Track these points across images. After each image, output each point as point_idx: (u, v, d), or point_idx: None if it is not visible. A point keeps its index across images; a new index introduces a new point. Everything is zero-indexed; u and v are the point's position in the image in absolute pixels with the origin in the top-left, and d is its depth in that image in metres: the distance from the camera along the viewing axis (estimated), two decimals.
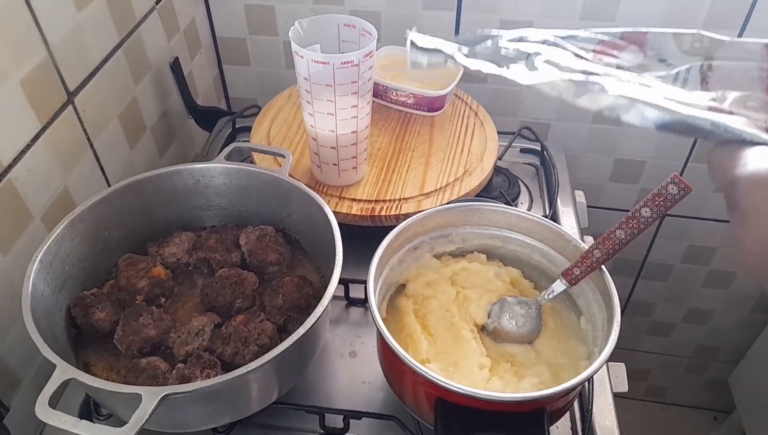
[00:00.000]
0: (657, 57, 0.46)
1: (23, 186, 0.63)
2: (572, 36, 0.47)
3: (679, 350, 1.46)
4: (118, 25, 0.77)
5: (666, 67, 0.46)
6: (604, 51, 0.46)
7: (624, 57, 0.46)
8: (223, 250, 0.66)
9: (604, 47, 0.46)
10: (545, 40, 0.46)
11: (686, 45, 0.45)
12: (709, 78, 0.44)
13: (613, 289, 0.54)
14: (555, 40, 0.46)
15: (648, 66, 0.46)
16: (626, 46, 0.46)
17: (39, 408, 0.45)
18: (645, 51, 0.46)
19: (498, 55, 0.45)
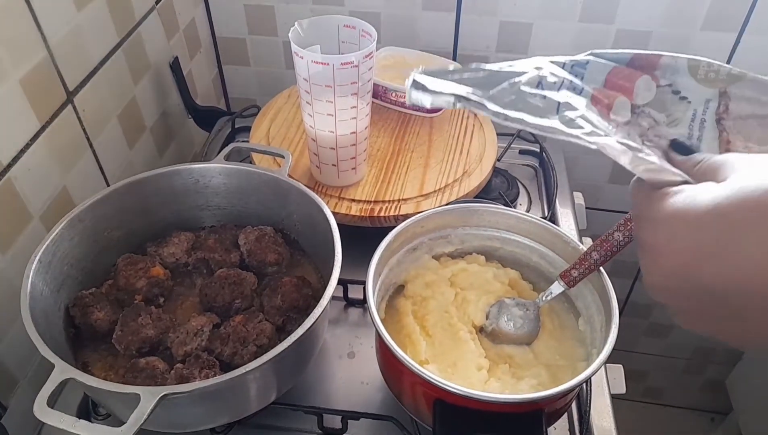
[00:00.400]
0: (671, 89, 0.44)
1: (22, 185, 0.63)
2: (581, 65, 0.45)
3: (677, 352, 1.46)
4: (117, 25, 0.77)
5: (682, 103, 0.44)
6: (617, 84, 0.44)
7: (638, 91, 0.44)
8: (222, 251, 0.66)
9: (615, 79, 0.44)
10: (563, 79, 0.44)
11: (701, 73, 0.44)
12: (725, 123, 0.43)
13: (611, 290, 0.55)
14: (571, 80, 0.44)
15: (664, 102, 0.44)
16: (638, 77, 0.44)
17: (38, 407, 0.45)
18: (656, 78, 0.44)
19: (524, 102, 0.42)
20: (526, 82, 0.43)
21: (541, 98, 0.42)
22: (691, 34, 0.93)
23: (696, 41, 0.93)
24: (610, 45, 0.95)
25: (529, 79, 0.43)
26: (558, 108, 0.42)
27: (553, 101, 0.42)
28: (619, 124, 0.43)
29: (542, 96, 0.42)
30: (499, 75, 0.44)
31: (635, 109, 0.44)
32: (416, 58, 0.95)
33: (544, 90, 0.43)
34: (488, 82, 0.44)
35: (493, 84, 0.43)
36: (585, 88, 0.44)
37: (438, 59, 0.94)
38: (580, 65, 0.45)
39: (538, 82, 0.43)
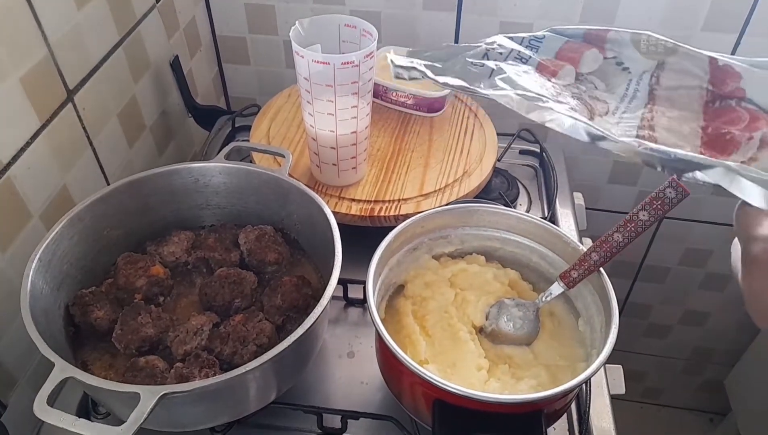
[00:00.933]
0: (616, 60, 0.50)
1: (22, 184, 0.63)
2: (538, 39, 0.52)
3: (676, 352, 1.46)
4: (118, 24, 0.77)
5: (624, 74, 0.49)
6: (566, 55, 0.50)
7: (585, 61, 0.50)
8: (222, 250, 0.66)
9: (566, 51, 0.51)
10: (511, 50, 0.51)
11: (643, 46, 0.49)
12: (656, 92, 0.47)
13: (611, 291, 0.55)
14: (519, 51, 0.51)
15: (607, 72, 0.50)
16: (587, 49, 0.50)
17: (37, 406, 0.45)
18: (604, 51, 0.50)
19: (466, 71, 0.50)
20: (473, 54, 0.51)
21: (479, 66, 0.50)
22: (691, 34, 0.93)
23: (696, 42, 0.92)
24: None
25: (476, 51, 0.52)
26: (491, 73, 0.49)
27: (488, 68, 0.50)
28: (558, 86, 0.49)
29: (481, 64, 0.50)
30: (458, 50, 0.52)
31: (579, 77, 0.50)
32: None
33: (488, 60, 0.51)
34: (447, 56, 0.52)
35: (448, 57, 0.52)
36: (532, 58, 0.51)
37: None
38: (537, 39, 0.52)
39: (484, 54, 0.51)
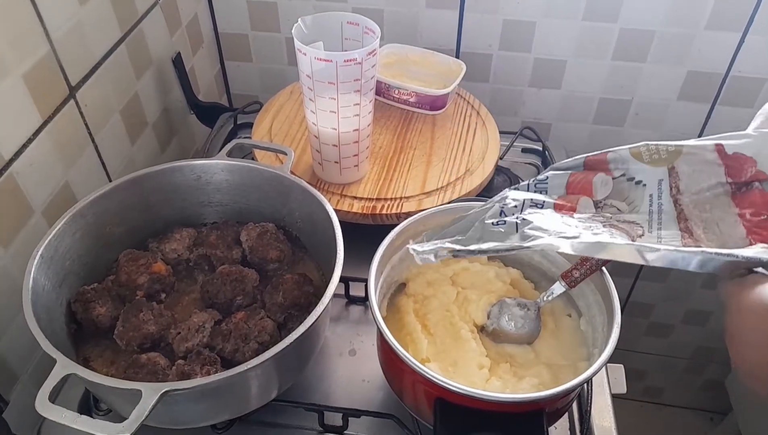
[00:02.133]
0: (625, 177, 0.50)
1: (24, 180, 0.63)
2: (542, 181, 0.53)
3: (677, 351, 1.46)
4: (120, 20, 0.77)
5: (639, 187, 0.50)
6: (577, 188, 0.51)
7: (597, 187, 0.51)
8: (223, 247, 0.66)
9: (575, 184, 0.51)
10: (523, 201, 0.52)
11: (645, 157, 0.49)
12: (682, 200, 0.47)
13: (613, 291, 0.55)
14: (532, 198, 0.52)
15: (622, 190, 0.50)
16: (593, 175, 0.51)
17: (39, 403, 0.45)
18: (610, 172, 0.51)
19: (491, 233, 0.51)
20: (490, 216, 0.53)
21: (502, 224, 0.51)
22: (694, 33, 0.92)
23: (699, 41, 0.93)
24: (613, 44, 0.95)
25: (492, 212, 0.53)
26: (517, 227, 0.50)
27: (511, 223, 0.51)
28: (583, 219, 0.49)
29: (503, 222, 0.51)
30: (474, 217, 0.54)
31: (598, 205, 0.51)
32: (419, 56, 0.94)
33: (506, 217, 0.52)
34: (464, 227, 0.54)
35: (467, 228, 0.53)
36: (547, 201, 0.52)
37: (441, 56, 0.93)
38: (542, 182, 0.53)
39: (500, 212, 0.52)
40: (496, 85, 1.04)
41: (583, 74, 1.00)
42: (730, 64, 0.95)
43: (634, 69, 0.98)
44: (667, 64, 0.97)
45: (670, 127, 1.03)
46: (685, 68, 0.97)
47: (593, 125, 1.06)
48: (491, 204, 0.54)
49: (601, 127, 1.06)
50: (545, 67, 1.00)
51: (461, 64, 0.92)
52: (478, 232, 0.52)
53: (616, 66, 0.98)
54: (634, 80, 0.99)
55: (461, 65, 0.91)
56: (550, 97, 1.04)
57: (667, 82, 0.98)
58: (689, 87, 0.98)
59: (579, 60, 0.98)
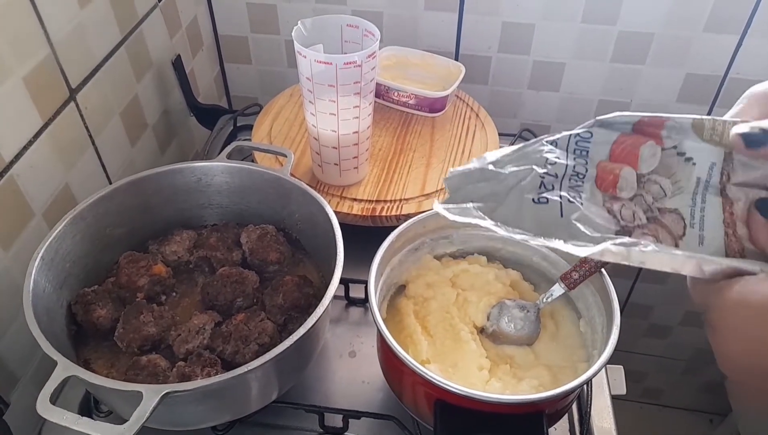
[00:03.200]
0: (677, 151, 0.44)
1: (25, 182, 0.63)
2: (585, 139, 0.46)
3: (677, 353, 1.46)
4: (120, 23, 0.77)
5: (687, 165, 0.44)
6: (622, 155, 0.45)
7: (644, 158, 0.44)
8: (223, 249, 0.67)
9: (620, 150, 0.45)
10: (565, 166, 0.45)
11: (706, 133, 0.43)
12: (729, 191, 0.42)
13: (612, 292, 0.55)
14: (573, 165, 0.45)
15: (670, 165, 0.44)
16: (643, 143, 0.44)
17: (40, 405, 0.45)
18: (662, 141, 0.44)
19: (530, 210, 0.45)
20: (530, 187, 0.45)
21: (543, 203, 0.44)
22: (693, 36, 0.93)
23: (698, 43, 0.93)
24: (612, 47, 0.95)
25: (531, 182, 0.46)
26: (561, 209, 0.44)
27: (554, 203, 0.44)
28: (628, 209, 0.44)
29: (545, 199, 0.44)
30: (507, 181, 0.46)
31: (641, 180, 0.45)
32: (418, 58, 0.95)
33: (546, 190, 0.45)
34: (497, 192, 0.46)
35: (501, 196, 0.46)
36: (588, 171, 0.45)
37: (440, 59, 0.94)
38: (584, 139, 0.46)
39: (540, 183, 0.45)
40: (495, 88, 1.04)
41: (582, 76, 1.00)
42: (729, 66, 0.95)
43: (633, 71, 0.98)
44: (666, 67, 0.97)
45: None
46: (684, 70, 0.97)
47: None
48: (528, 166, 0.46)
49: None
50: (544, 70, 1.01)
51: (460, 66, 0.92)
52: (513, 203, 0.45)
53: (615, 68, 0.98)
54: (633, 82, 0.99)
55: (460, 67, 0.92)
56: (549, 100, 1.04)
57: (666, 84, 0.99)
58: (688, 89, 0.98)
59: (578, 62, 0.99)
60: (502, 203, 0.46)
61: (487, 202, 0.46)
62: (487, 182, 0.47)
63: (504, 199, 0.46)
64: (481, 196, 0.47)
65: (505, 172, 0.46)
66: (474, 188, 0.47)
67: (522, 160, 0.47)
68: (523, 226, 0.44)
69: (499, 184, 0.46)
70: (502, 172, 0.47)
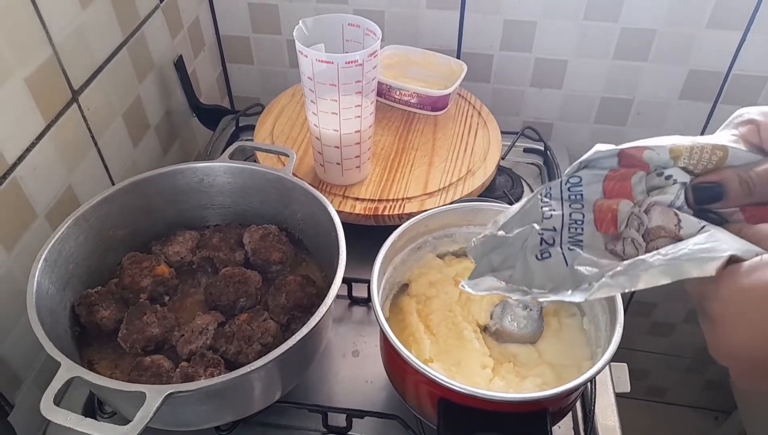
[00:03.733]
0: (657, 174, 0.44)
1: (27, 184, 0.63)
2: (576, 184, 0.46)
3: (680, 350, 1.46)
4: (122, 24, 0.77)
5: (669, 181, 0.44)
6: (615, 190, 0.45)
7: (635, 186, 0.45)
8: (226, 249, 0.67)
9: (613, 184, 0.45)
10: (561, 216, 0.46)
11: (681, 162, 0.43)
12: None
13: None
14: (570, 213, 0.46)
15: (655, 184, 0.44)
16: (632, 175, 0.45)
17: (44, 406, 0.45)
18: (647, 167, 0.45)
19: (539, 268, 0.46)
20: (532, 246, 0.47)
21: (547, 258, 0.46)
22: (696, 32, 0.92)
23: (701, 40, 0.93)
24: (615, 44, 0.95)
25: (532, 240, 0.47)
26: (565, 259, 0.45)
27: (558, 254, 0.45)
28: (626, 238, 0.44)
29: (548, 254, 0.46)
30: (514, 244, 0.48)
31: (636, 205, 0.45)
32: (420, 57, 0.94)
33: (549, 245, 0.46)
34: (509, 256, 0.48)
35: (513, 259, 0.48)
36: (586, 216, 0.46)
37: (442, 57, 0.93)
38: (575, 185, 0.47)
39: (540, 240, 0.47)
40: (498, 86, 1.04)
41: (585, 74, 1.00)
42: (732, 62, 0.95)
43: (636, 68, 0.98)
44: (669, 64, 0.96)
45: (671, 127, 1.03)
46: (687, 67, 0.96)
47: (595, 125, 1.06)
48: (528, 225, 0.48)
49: (602, 126, 1.06)
50: (546, 67, 1.00)
51: (462, 64, 0.92)
52: (523, 264, 0.47)
53: (618, 65, 0.98)
54: (635, 79, 0.99)
55: (462, 66, 0.92)
56: (551, 97, 1.04)
57: (669, 82, 0.98)
58: (691, 86, 0.98)
59: (580, 60, 0.98)
60: (514, 267, 0.48)
61: (503, 268, 0.49)
62: (500, 249, 0.49)
63: (515, 262, 0.48)
64: (497, 263, 0.49)
65: (512, 236, 0.48)
66: (491, 258, 0.50)
67: (524, 219, 0.48)
68: (534, 283, 0.46)
69: (509, 249, 0.48)
70: (509, 236, 0.49)
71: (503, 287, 0.48)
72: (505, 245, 0.49)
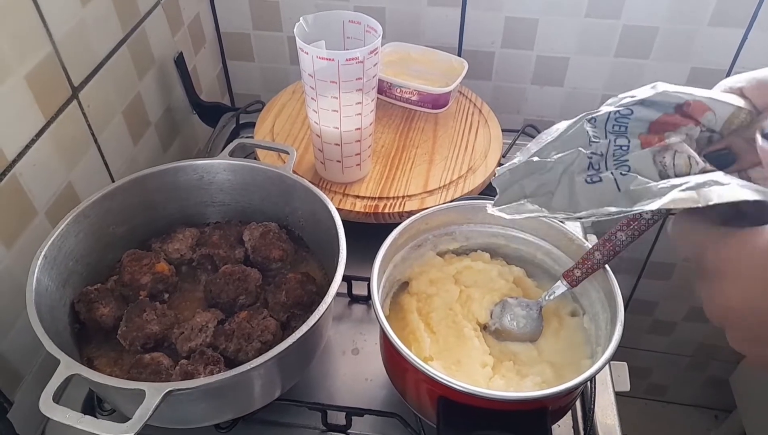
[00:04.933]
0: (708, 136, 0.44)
1: (27, 181, 0.63)
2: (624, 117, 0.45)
3: (681, 349, 1.46)
4: (122, 20, 0.77)
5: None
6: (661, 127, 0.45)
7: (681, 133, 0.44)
8: (226, 247, 0.67)
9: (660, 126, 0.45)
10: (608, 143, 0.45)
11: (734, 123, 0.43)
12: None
13: (616, 288, 0.54)
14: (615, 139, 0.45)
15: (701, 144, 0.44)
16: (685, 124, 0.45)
17: (43, 403, 0.45)
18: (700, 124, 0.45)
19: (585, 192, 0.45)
20: (579, 170, 0.45)
21: (597, 182, 0.44)
22: (698, 29, 0.92)
23: (703, 37, 0.93)
24: (616, 41, 0.95)
25: (579, 164, 0.45)
26: (617, 184, 0.43)
27: (608, 179, 0.44)
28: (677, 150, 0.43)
29: (598, 178, 0.44)
30: (555, 168, 0.46)
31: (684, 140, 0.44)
32: (421, 54, 0.94)
33: (598, 170, 0.45)
34: (547, 182, 0.46)
35: (553, 184, 0.46)
36: (631, 141, 0.45)
37: (443, 54, 0.93)
38: (624, 116, 0.45)
39: (588, 164, 0.45)
40: (499, 83, 1.04)
41: (586, 71, 1.00)
42: (734, 60, 0.95)
43: (638, 66, 0.98)
44: (671, 61, 0.96)
45: None
46: (689, 65, 0.96)
47: None
48: (573, 150, 0.46)
49: None
50: (548, 65, 1.00)
51: (463, 62, 0.91)
52: (566, 189, 0.45)
53: (619, 63, 0.98)
54: (637, 77, 0.99)
55: (463, 63, 0.91)
56: (552, 95, 1.04)
57: (671, 79, 0.97)
58: (693, 83, 0.96)
59: (582, 57, 0.98)
60: (554, 192, 0.46)
61: (539, 194, 0.47)
62: (535, 175, 0.47)
63: (556, 187, 0.46)
64: (532, 189, 0.47)
65: (551, 161, 0.46)
66: (523, 184, 0.48)
67: (566, 144, 0.46)
68: (579, 208, 0.44)
69: (548, 173, 0.46)
70: (548, 161, 0.46)
71: (543, 212, 0.46)
72: (542, 170, 0.47)
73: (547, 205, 0.46)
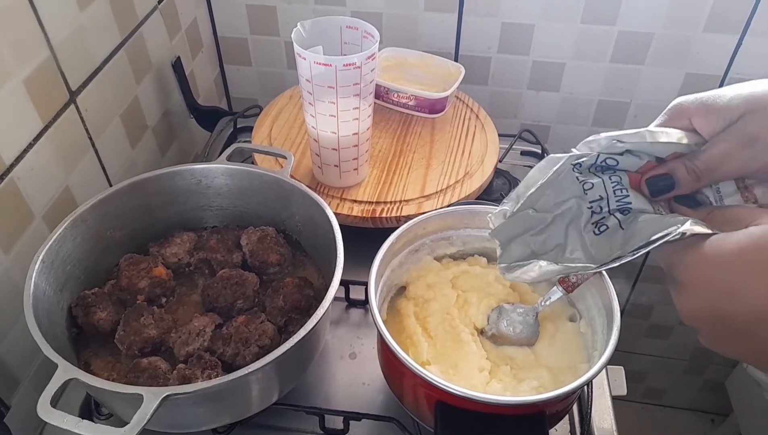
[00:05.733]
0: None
1: (25, 185, 0.63)
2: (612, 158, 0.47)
3: (677, 352, 1.46)
4: (120, 25, 0.77)
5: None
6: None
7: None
8: (224, 251, 0.67)
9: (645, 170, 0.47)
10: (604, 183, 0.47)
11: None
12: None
13: (613, 293, 0.55)
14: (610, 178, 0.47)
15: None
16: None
17: (41, 408, 0.45)
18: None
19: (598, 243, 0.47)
20: (584, 221, 0.47)
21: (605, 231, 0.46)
22: (692, 36, 0.93)
23: (698, 43, 0.93)
24: (612, 47, 0.95)
25: (582, 215, 0.47)
26: (621, 225, 0.46)
27: (614, 224, 0.46)
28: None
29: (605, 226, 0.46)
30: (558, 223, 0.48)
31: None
32: (418, 59, 0.95)
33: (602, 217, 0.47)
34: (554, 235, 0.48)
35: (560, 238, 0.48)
36: (623, 179, 0.47)
37: (439, 60, 0.94)
38: (611, 157, 0.47)
39: (591, 213, 0.47)
40: (495, 88, 1.04)
41: (582, 77, 1.00)
42: (728, 66, 0.95)
43: (633, 71, 0.98)
44: (666, 67, 0.97)
45: None
46: (684, 70, 0.97)
47: (592, 127, 1.06)
48: (570, 200, 0.47)
49: (600, 129, 1.05)
50: (544, 70, 1.01)
51: (460, 67, 0.92)
52: (578, 242, 0.47)
53: (615, 68, 0.98)
54: (632, 82, 0.99)
55: (460, 68, 0.92)
56: (548, 100, 1.04)
57: (666, 84, 0.99)
58: (688, 89, 0.98)
59: (578, 62, 0.99)
60: (565, 246, 0.48)
61: (549, 250, 0.48)
62: (536, 229, 0.49)
63: (565, 241, 0.48)
64: (537, 246, 0.49)
65: (553, 215, 0.48)
66: (527, 241, 0.49)
67: (559, 194, 0.48)
68: (597, 258, 0.47)
69: (551, 226, 0.48)
70: (547, 214, 0.48)
71: (561, 269, 0.48)
72: (542, 224, 0.48)
73: (560, 258, 0.48)
